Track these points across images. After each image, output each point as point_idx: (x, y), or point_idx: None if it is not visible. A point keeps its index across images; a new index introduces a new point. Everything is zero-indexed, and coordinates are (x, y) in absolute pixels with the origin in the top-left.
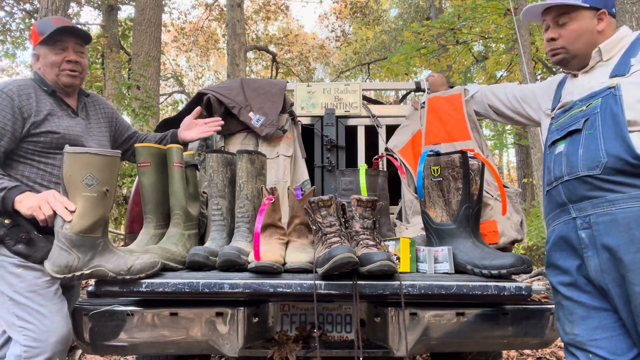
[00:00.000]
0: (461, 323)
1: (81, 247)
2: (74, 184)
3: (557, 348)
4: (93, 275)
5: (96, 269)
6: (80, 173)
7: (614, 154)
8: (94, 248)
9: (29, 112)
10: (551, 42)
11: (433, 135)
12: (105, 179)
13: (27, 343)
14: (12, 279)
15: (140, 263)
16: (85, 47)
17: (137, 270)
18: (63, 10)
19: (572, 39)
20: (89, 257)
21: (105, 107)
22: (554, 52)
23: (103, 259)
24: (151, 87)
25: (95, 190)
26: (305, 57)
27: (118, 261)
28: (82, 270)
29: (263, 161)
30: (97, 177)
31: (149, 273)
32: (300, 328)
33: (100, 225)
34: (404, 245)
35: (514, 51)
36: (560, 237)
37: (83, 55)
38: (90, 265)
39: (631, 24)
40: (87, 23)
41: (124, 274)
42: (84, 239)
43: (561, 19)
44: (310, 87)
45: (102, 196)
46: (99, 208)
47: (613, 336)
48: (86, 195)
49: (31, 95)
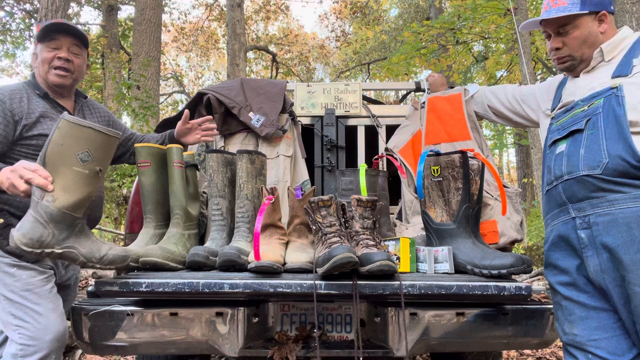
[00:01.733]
0: (461, 323)
1: (59, 223)
2: (64, 155)
3: (557, 348)
4: (63, 255)
5: (68, 250)
6: (77, 146)
7: (615, 154)
8: (72, 228)
9: (20, 115)
10: (556, 52)
11: (433, 135)
12: (101, 158)
13: (23, 341)
14: (6, 279)
15: (113, 254)
16: (83, 49)
17: (108, 261)
18: (63, 10)
19: (577, 45)
20: (64, 236)
21: (101, 110)
22: (560, 60)
23: (77, 242)
24: (151, 87)
25: (89, 167)
26: (305, 57)
27: (92, 247)
28: (54, 249)
29: (263, 161)
30: (94, 155)
31: (118, 266)
32: (300, 328)
33: (84, 205)
34: (404, 245)
35: (514, 51)
36: (560, 237)
37: (78, 57)
38: (64, 244)
39: (631, 24)
40: (87, 23)
41: (95, 262)
42: (64, 216)
43: (563, 29)
44: (310, 87)
45: (94, 175)
46: (87, 187)
47: (612, 336)
48: (77, 170)
49: (23, 98)
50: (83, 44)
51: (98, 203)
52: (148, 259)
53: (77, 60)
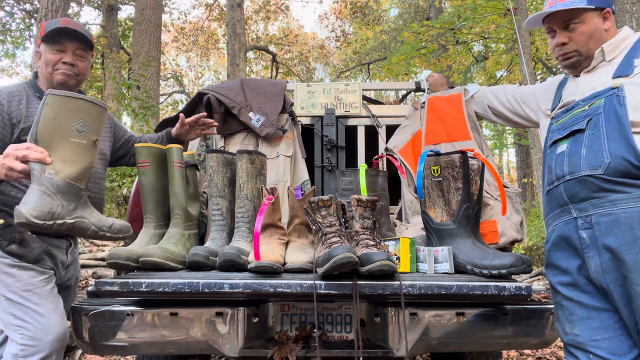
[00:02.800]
0: (461, 323)
1: (67, 194)
2: (59, 129)
3: (557, 348)
4: (75, 226)
5: (79, 220)
6: (71, 118)
7: (617, 154)
8: (78, 199)
9: (18, 118)
10: (562, 47)
11: (433, 135)
12: (96, 129)
13: (23, 342)
14: (7, 279)
15: (120, 224)
16: (88, 52)
17: (117, 229)
18: (63, 10)
19: (584, 41)
20: (73, 207)
21: None
22: (566, 55)
23: (85, 212)
24: (151, 87)
25: (86, 137)
26: (305, 57)
27: (99, 217)
28: (65, 219)
29: (263, 161)
30: (89, 125)
31: (125, 235)
32: (300, 328)
33: (86, 176)
34: (404, 245)
35: (514, 51)
36: (561, 237)
37: (83, 60)
38: (74, 215)
39: (631, 24)
40: (87, 23)
41: (105, 231)
42: (70, 186)
43: (569, 24)
44: (310, 87)
45: (92, 145)
46: (87, 157)
47: (614, 336)
48: (75, 141)
49: (22, 100)
50: (88, 46)
51: (98, 203)
52: (148, 259)
53: (82, 64)
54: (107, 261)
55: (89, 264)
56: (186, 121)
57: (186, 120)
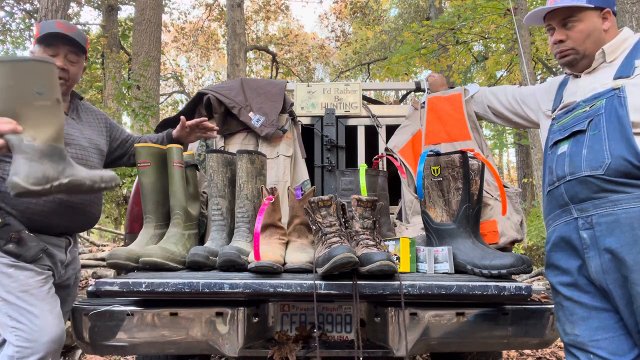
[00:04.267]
0: (461, 323)
1: (52, 156)
2: (19, 96)
3: (557, 348)
4: (70, 184)
5: (73, 178)
6: (29, 82)
7: (618, 155)
8: (64, 158)
9: None
10: (559, 44)
11: (433, 135)
12: (54, 87)
13: (19, 343)
14: (3, 279)
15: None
16: (80, 56)
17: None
18: (63, 10)
19: (581, 39)
20: (62, 167)
21: (97, 113)
22: (563, 53)
23: (75, 169)
24: (151, 87)
25: (49, 98)
26: (305, 57)
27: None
28: (60, 179)
29: (263, 161)
30: (47, 86)
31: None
32: (300, 328)
33: (61, 135)
34: (404, 245)
35: (514, 51)
36: (561, 238)
37: (75, 64)
38: (66, 174)
39: (631, 24)
40: (87, 23)
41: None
42: (53, 148)
43: (568, 21)
44: (310, 87)
45: (56, 104)
46: (56, 117)
47: (614, 337)
48: (40, 104)
49: None
50: (81, 50)
51: (96, 202)
52: (148, 259)
53: (73, 69)
54: (107, 261)
55: (89, 264)
56: (187, 124)
57: (187, 124)
